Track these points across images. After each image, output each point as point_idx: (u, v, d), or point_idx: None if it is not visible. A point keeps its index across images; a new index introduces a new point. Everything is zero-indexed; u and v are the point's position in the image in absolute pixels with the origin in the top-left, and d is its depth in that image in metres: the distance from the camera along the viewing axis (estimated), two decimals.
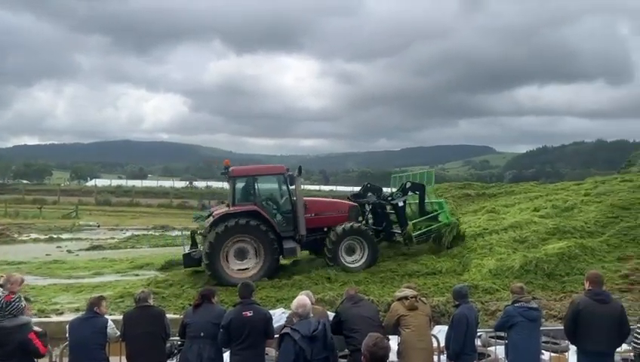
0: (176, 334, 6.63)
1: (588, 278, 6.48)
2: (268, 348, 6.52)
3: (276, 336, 6.26)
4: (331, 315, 7.05)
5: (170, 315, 9.27)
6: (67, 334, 6.31)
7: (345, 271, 13.24)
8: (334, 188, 70.90)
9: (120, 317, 7.19)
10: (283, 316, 8.41)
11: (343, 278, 12.65)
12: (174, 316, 9.74)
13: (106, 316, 6.56)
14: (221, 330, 5.98)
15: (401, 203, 14.59)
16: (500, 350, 7.20)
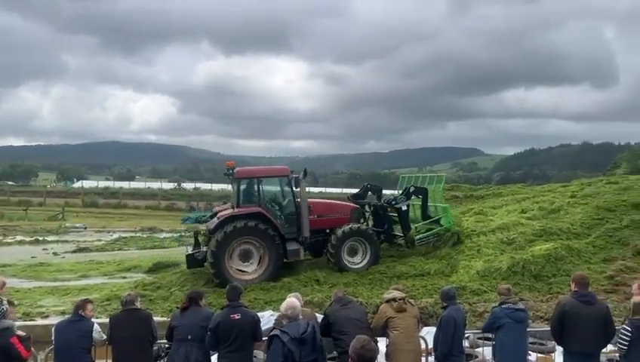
0: (163, 337, 6.59)
1: (574, 280, 6.56)
2: (256, 351, 6.50)
3: (265, 339, 6.24)
4: (320, 317, 7.05)
5: (157, 318, 9.19)
6: (52, 337, 6.25)
7: (339, 271, 13.26)
8: (323, 189, 70.82)
9: (107, 320, 7.14)
10: (271, 318, 8.39)
11: (332, 280, 12.64)
12: (162, 319, 9.67)
13: (93, 319, 6.50)
14: (209, 333, 5.94)
15: (404, 207, 14.55)
16: (488, 351, 7.25)
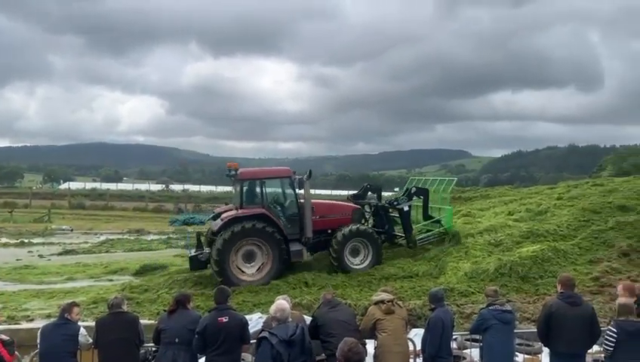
0: (150, 340, 6.53)
1: (560, 281, 6.63)
2: (244, 354, 6.48)
3: (253, 341, 6.22)
4: (308, 319, 7.04)
5: (144, 321, 9.14)
6: (38, 341, 6.17)
7: (328, 273, 13.30)
8: (313, 191, 70.82)
9: (93, 323, 7.06)
10: (260, 321, 8.37)
11: (320, 282, 12.64)
12: (149, 322, 9.60)
13: (79, 322, 6.43)
14: (196, 336, 5.91)
15: (406, 207, 14.71)
16: (475, 352, 7.29)
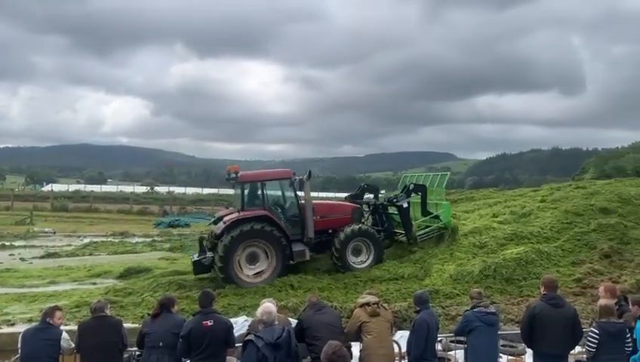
0: (134, 344, 6.47)
1: (543, 283, 6.73)
2: (229, 357, 6.44)
3: (238, 345, 6.19)
4: (294, 322, 7.03)
5: (128, 324, 9.06)
6: (19, 346, 6.08)
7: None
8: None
9: (76, 327, 6.97)
10: (245, 324, 8.32)
11: (306, 285, 12.63)
12: (133, 325, 9.51)
13: (62, 327, 6.36)
14: (180, 340, 5.87)
15: (405, 204, 14.83)
16: (460, 354, 7.34)
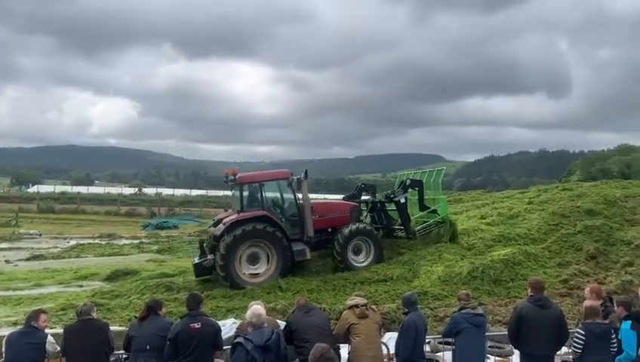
0: (121, 347, 6.41)
1: (530, 284, 6.78)
2: (217, 360, 6.41)
3: (226, 347, 6.16)
4: (282, 325, 7.01)
5: (115, 327, 8.96)
6: (3, 349, 6.00)
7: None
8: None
9: (61, 331, 6.89)
10: (233, 326, 8.28)
11: (295, 287, 12.61)
12: (120, 328, 9.40)
13: (47, 330, 6.28)
14: (168, 343, 5.82)
15: (402, 199, 14.97)
16: (448, 355, 7.36)
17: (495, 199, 22.60)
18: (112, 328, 7.11)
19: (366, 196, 16.61)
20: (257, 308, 5.70)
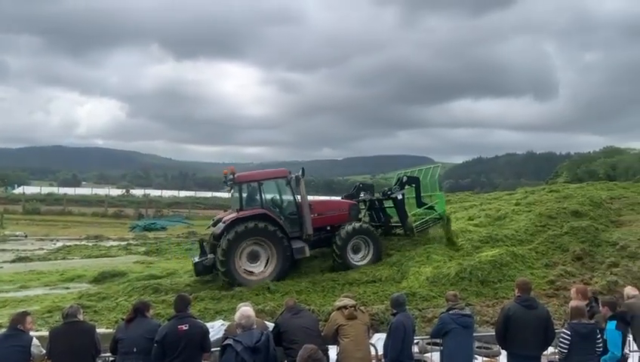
0: (107, 350, 6.36)
1: (517, 285, 6.85)
2: None
3: (215, 349, 6.14)
4: (271, 326, 7.00)
5: (102, 330, 8.90)
6: None
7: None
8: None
9: (47, 333, 6.82)
10: (222, 328, 8.25)
11: (284, 288, 12.60)
12: (107, 330, 9.32)
13: (32, 333, 6.21)
14: (155, 345, 5.78)
15: (399, 196, 15.07)
16: (436, 356, 7.39)
17: (483, 200, 22.76)
18: (99, 330, 7.06)
19: (365, 195, 16.74)
20: (246, 310, 5.69)
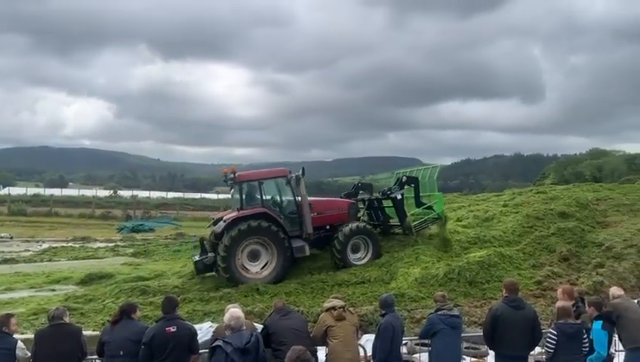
0: (94, 352, 6.29)
1: (505, 286, 6.89)
2: None
3: (203, 351, 6.10)
4: (259, 328, 6.97)
5: (89, 332, 8.83)
6: None
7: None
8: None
9: (32, 336, 6.73)
10: (210, 330, 8.20)
11: (273, 290, 12.57)
12: (94, 333, 9.25)
13: (17, 335, 6.13)
14: (142, 347, 5.73)
15: (399, 196, 15.18)
16: (425, 357, 7.41)
17: (471, 202, 22.89)
18: (86, 333, 6.99)
19: (363, 194, 16.83)
20: (235, 311, 5.66)
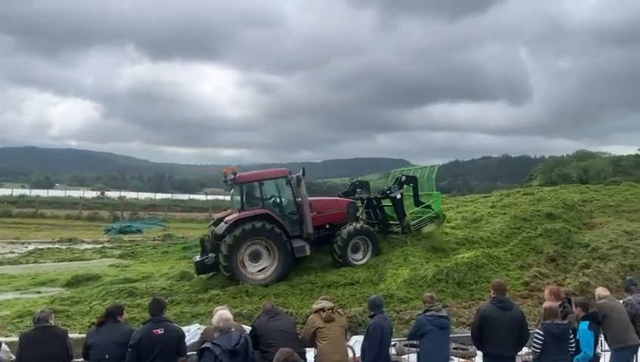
0: (80, 355, 6.22)
1: (492, 286, 6.93)
2: None
3: (191, 353, 6.06)
4: (248, 329, 6.94)
5: (75, 335, 8.72)
6: None
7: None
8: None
9: (17, 338, 6.65)
10: (198, 332, 8.16)
11: (261, 291, 12.53)
12: (80, 335, 9.13)
13: (1, 338, 6.06)
14: (129, 349, 5.68)
15: (398, 195, 15.24)
16: (413, 358, 7.44)
17: (459, 203, 23.01)
18: (72, 335, 6.91)
19: (361, 193, 16.88)
20: (224, 313, 5.64)
